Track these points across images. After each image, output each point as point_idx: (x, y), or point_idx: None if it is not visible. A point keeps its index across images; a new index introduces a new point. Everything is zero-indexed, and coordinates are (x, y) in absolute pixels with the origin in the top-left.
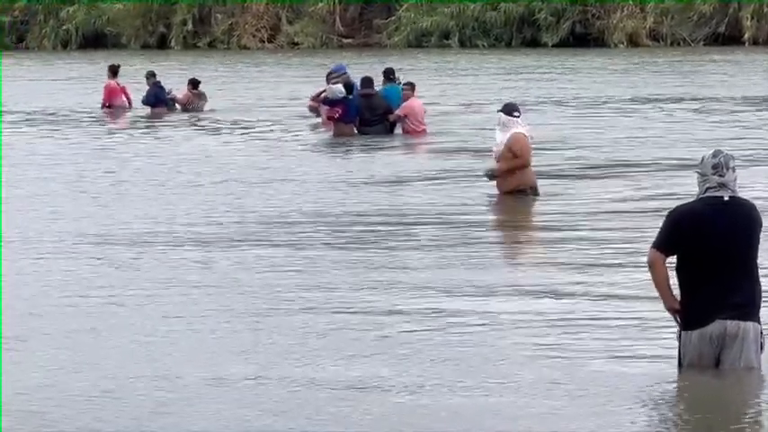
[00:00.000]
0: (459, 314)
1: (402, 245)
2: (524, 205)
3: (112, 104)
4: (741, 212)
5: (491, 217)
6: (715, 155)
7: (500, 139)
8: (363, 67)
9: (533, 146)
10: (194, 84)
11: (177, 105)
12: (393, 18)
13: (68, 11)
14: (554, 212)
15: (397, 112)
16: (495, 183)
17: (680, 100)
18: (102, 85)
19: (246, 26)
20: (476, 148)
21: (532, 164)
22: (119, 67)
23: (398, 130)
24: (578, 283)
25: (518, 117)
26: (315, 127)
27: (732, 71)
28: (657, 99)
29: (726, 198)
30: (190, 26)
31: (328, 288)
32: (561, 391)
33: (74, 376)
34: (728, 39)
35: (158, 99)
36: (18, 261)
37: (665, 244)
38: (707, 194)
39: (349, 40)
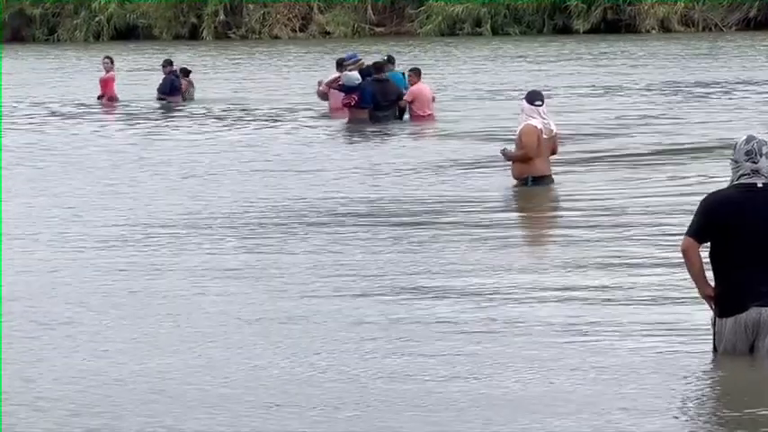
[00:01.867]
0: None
1: (434, 232)
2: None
3: (112, 96)
4: None
5: (527, 204)
6: (748, 141)
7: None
8: (397, 57)
9: (563, 135)
10: (185, 72)
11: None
12: (424, 7)
13: (100, 2)
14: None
15: (405, 97)
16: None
17: (745, 83)
18: (101, 78)
19: (278, 16)
20: (495, 135)
21: (560, 152)
22: (112, 59)
23: (406, 115)
24: (612, 265)
25: (540, 106)
26: (323, 114)
27: None
28: (720, 82)
29: (759, 184)
30: (222, 17)
31: (369, 276)
32: (594, 376)
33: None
34: (760, 24)
35: (174, 88)
36: (47, 250)
37: (698, 231)
38: (740, 181)
39: (381, 29)
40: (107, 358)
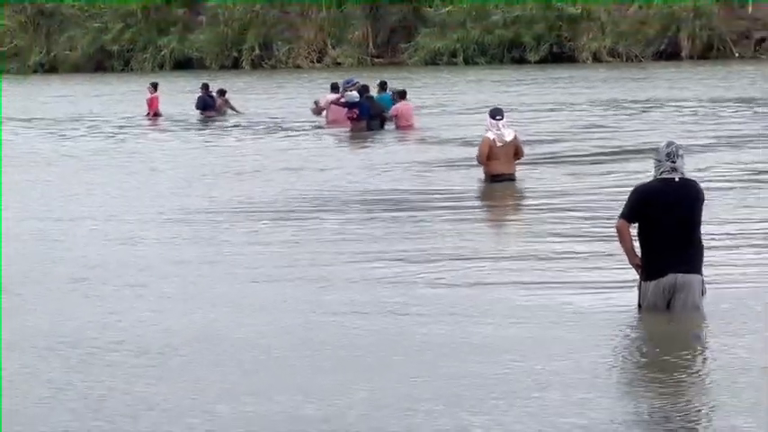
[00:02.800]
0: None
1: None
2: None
3: (157, 113)
4: (689, 190)
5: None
6: (668, 145)
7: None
8: (392, 81)
9: (527, 140)
10: (222, 92)
11: (227, 109)
12: (413, 42)
13: (164, 40)
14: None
15: (391, 112)
16: None
17: (665, 101)
18: (147, 98)
19: (300, 50)
20: (468, 142)
21: (527, 153)
22: (157, 84)
23: (391, 126)
24: (556, 249)
25: (500, 120)
26: (322, 126)
27: (700, 79)
28: (645, 100)
29: (676, 179)
30: (257, 51)
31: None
32: (544, 326)
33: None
34: (670, 55)
35: (206, 105)
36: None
37: (629, 214)
38: (662, 176)
39: (380, 60)
40: (165, 312)
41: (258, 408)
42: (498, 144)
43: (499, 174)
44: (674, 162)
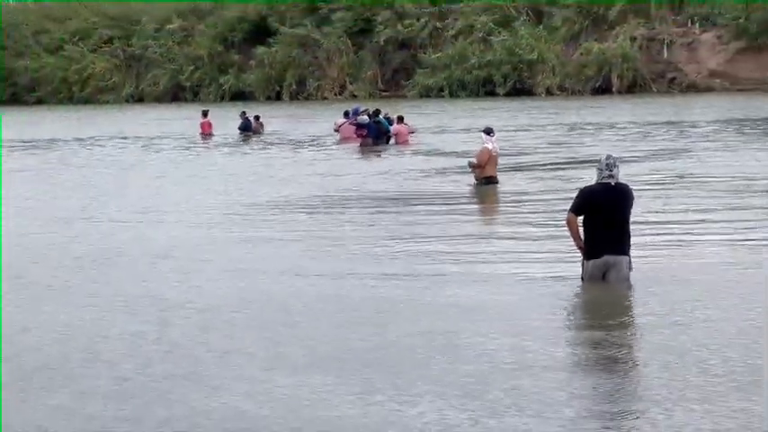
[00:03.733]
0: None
1: (419, 213)
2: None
3: (207, 134)
4: (622, 192)
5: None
6: (608, 157)
7: (480, 147)
8: (395, 109)
9: (501, 153)
10: (257, 118)
11: (262, 131)
12: (411, 80)
13: (224, 78)
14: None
15: (392, 131)
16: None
17: (603, 124)
18: (199, 122)
19: (326, 85)
20: (457, 154)
21: (500, 163)
22: (208, 111)
23: (392, 142)
24: (521, 235)
25: (492, 136)
26: (337, 143)
27: (628, 108)
28: (592, 123)
29: (613, 183)
30: (294, 86)
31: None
32: (511, 291)
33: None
34: (604, 90)
35: (247, 127)
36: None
37: (576, 209)
38: (602, 181)
39: (386, 93)
40: (224, 281)
41: (294, 350)
42: (493, 154)
43: (490, 176)
44: (611, 170)
